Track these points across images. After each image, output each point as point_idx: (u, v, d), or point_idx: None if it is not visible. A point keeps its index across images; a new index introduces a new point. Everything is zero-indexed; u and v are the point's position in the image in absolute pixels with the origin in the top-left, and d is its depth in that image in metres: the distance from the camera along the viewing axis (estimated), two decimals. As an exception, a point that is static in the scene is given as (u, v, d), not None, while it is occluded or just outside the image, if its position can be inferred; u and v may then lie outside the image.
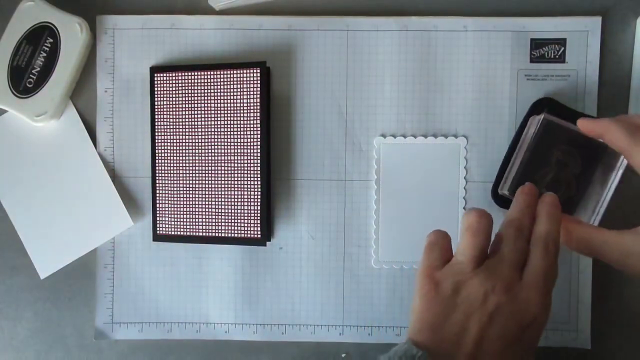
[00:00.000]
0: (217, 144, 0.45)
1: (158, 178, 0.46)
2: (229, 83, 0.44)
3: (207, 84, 0.45)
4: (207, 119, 0.45)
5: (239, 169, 0.45)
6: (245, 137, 0.44)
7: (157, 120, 0.46)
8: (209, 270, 0.47)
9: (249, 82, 0.44)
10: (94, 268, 0.47)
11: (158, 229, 0.46)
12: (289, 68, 0.46)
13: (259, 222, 0.44)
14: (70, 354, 0.47)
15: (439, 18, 0.45)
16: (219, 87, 0.45)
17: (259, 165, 0.44)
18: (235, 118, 0.44)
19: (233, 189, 0.45)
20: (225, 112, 0.45)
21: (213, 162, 0.45)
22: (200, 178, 0.45)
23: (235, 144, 0.45)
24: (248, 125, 0.44)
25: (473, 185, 0.45)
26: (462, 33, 0.45)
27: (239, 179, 0.45)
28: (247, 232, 0.45)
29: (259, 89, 0.44)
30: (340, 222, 0.46)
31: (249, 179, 0.44)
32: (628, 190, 0.40)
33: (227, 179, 0.45)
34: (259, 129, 0.44)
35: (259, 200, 0.44)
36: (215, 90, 0.45)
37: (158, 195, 0.46)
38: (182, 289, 0.47)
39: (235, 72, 0.44)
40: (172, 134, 0.46)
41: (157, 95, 0.46)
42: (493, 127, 0.45)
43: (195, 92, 0.45)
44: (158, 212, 0.46)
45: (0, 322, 0.48)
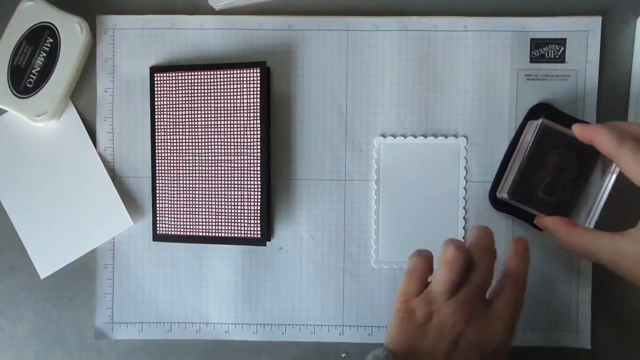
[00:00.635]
0: (217, 144, 0.45)
1: (158, 178, 0.46)
2: (229, 83, 0.44)
3: (207, 84, 0.45)
4: (207, 119, 0.45)
5: (239, 169, 0.45)
6: (245, 137, 0.44)
7: (157, 120, 0.46)
8: (209, 270, 0.47)
9: (249, 82, 0.44)
10: (94, 268, 0.47)
11: (158, 229, 0.46)
12: (289, 68, 0.46)
13: (259, 222, 0.44)
14: (70, 354, 0.47)
15: (439, 18, 0.45)
16: (219, 87, 0.45)
17: (259, 165, 0.44)
18: (235, 118, 0.44)
19: (233, 189, 0.45)
20: (225, 112, 0.45)
21: (213, 162, 0.45)
22: (200, 178, 0.45)
23: (235, 144, 0.45)
24: (248, 125, 0.44)
25: (473, 185, 0.45)
26: (462, 33, 0.45)
27: (239, 179, 0.45)
28: (247, 232, 0.45)
29: (259, 89, 0.44)
30: (340, 222, 0.46)
31: (249, 179, 0.44)
32: (622, 194, 0.40)
33: (227, 179, 0.45)
34: (259, 129, 0.44)
35: (259, 200, 0.44)
36: (215, 90, 0.45)
37: (158, 195, 0.46)
38: (182, 289, 0.47)
39: (235, 72, 0.44)
40: (172, 134, 0.46)
41: (157, 95, 0.46)
42: (493, 127, 0.45)
43: (195, 92, 0.45)
44: (158, 212, 0.46)
45: (0, 322, 0.48)
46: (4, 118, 0.47)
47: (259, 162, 0.44)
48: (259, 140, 0.44)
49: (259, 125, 0.44)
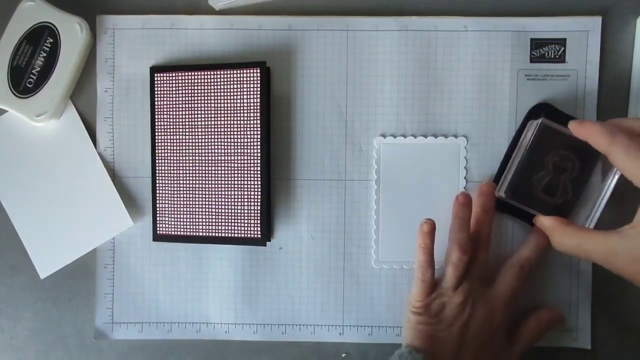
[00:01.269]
0: (217, 144, 0.45)
1: (158, 178, 0.46)
2: (229, 83, 0.44)
3: (207, 84, 0.45)
4: (207, 119, 0.45)
5: (239, 169, 0.45)
6: (245, 137, 0.44)
7: (157, 120, 0.46)
8: (209, 270, 0.47)
9: (249, 82, 0.44)
10: (94, 268, 0.47)
11: (158, 229, 0.46)
12: (289, 68, 0.46)
13: (259, 222, 0.44)
14: (70, 354, 0.47)
15: (439, 18, 0.45)
16: (219, 87, 0.45)
17: (259, 165, 0.44)
18: (235, 118, 0.44)
19: (233, 189, 0.45)
20: (225, 112, 0.45)
21: (213, 162, 0.45)
22: (200, 178, 0.45)
23: (235, 144, 0.45)
24: (248, 125, 0.44)
25: (473, 185, 0.45)
26: (462, 33, 0.45)
27: (239, 179, 0.45)
28: (247, 232, 0.45)
29: (259, 89, 0.44)
30: (340, 222, 0.46)
31: (249, 179, 0.44)
32: (623, 194, 0.40)
33: (227, 179, 0.45)
34: (259, 129, 0.44)
35: (259, 200, 0.44)
36: (215, 90, 0.45)
37: (158, 195, 0.46)
38: (182, 289, 0.47)
39: (235, 72, 0.44)
40: (172, 134, 0.46)
41: (157, 95, 0.46)
42: (493, 127, 0.45)
43: (195, 92, 0.45)
44: (158, 212, 0.46)
45: (0, 322, 0.48)
46: (4, 118, 0.47)
47: (259, 162, 0.44)
48: (259, 140, 0.44)
49: (259, 125, 0.44)
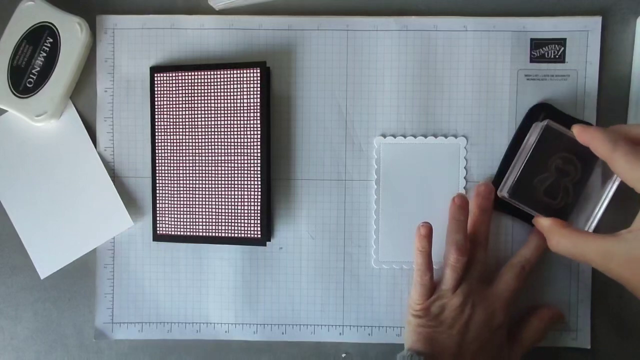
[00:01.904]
0: (217, 144, 0.45)
1: (158, 178, 0.46)
2: (229, 83, 0.44)
3: (207, 84, 0.45)
4: (207, 119, 0.45)
5: (239, 169, 0.45)
6: (245, 137, 0.44)
7: (157, 120, 0.46)
8: (209, 270, 0.47)
9: (249, 82, 0.44)
10: (94, 268, 0.47)
11: (158, 229, 0.46)
12: (289, 68, 0.46)
13: (259, 222, 0.44)
14: (70, 354, 0.47)
15: (439, 18, 0.45)
16: (219, 87, 0.45)
17: (259, 165, 0.44)
18: (235, 118, 0.44)
19: (233, 189, 0.45)
20: (225, 112, 0.45)
21: (213, 162, 0.45)
22: (200, 178, 0.45)
23: (235, 144, 0.45)
24: (248, 125, 0.44)
25: (473, 185, 0.45)
26: (462, 33, 0.45)
27: (239, 179, 0.45)
28: (247, 232, 0.45)
29: (259, 89, 0.44)
30: (340, 222, 0.46)
31: (249, 179, 0.44)
32: (625, 200, 0.40)
33: (227, 179, 0.45)
34: (259, 129, 0.44)
35: (259, 200, 0.44)
36: (215, 90, 0.45)
37: (158, 195, 0.46)
38: (182, 289, 0.47)
39: (235, 72, 0.44)
40: (172, 134, 0.46)
41: (157, 95, 0.46)
42: (493, 127, 0.45)
43: (195, 92, 0.45)
44: (158, 212, 0.46)
45: (0, 322, 0.48)
46: (4, 118, 0.47)
47: (259, 162, 0.44)
48: (259, 140, 0.44)
49: (259, 125, 0.44)
